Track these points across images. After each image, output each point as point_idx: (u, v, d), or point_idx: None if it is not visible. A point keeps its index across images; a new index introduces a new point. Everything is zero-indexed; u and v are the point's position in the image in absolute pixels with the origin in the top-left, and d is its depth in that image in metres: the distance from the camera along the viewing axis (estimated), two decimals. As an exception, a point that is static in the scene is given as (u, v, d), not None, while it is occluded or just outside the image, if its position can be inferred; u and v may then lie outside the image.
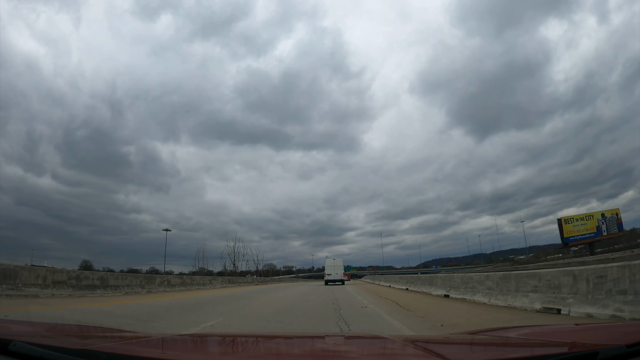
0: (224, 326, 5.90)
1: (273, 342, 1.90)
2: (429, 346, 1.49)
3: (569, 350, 1.11)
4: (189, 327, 5.52)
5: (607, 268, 5.24)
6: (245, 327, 5.89)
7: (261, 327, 5.76)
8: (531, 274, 7.25)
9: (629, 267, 4.84)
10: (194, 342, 1.80)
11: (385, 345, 1.70)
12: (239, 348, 1.70)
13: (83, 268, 54.50)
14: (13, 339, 1.14)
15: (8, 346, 1.11)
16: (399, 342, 1.65)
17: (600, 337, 1.42)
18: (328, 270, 29.76)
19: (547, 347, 1.29)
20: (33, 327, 1.86)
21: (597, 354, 0.99)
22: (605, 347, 1.02)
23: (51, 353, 1.11)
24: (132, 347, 1.46)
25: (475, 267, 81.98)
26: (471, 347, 1.63)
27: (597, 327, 1.88)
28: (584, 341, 1.27)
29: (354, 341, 1.99)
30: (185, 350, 1.57)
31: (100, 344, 1.39)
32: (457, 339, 1.92)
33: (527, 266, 42.80)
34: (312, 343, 1.98)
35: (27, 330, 1.68)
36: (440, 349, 1.46)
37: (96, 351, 1.18)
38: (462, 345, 1.71)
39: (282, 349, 1.73)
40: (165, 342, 1.68)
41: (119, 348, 1.38)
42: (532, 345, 1.44)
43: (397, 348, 1.59)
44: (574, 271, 5.97)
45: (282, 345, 1.80)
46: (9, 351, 1.11)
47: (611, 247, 49.74)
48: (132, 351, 1.35)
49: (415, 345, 1.53)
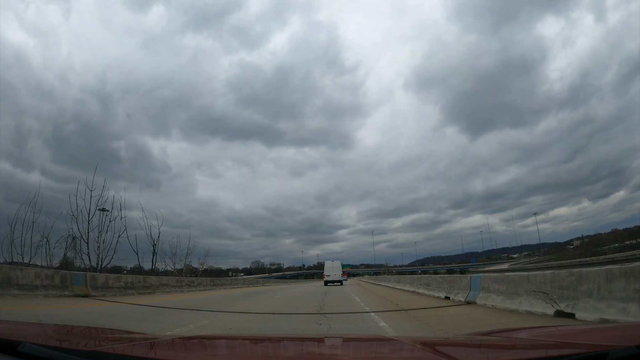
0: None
1: (282, 343, 1.90)
2: (437, 348, 1.48)
3: (578, 351, 1.10)
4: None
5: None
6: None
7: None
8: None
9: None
10: (203, 344, 1.80)
11: (394, 346, 1.69)
12: (246, 351, 1.70)
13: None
14: (22, 340, 1.15)
15: (17, 347, 1.12)
16: (408, 343, 1.63)
17: (610, 338, 1.40)
18: (327, 271, 31.07)
19: (556, 349, 1.28)
20: (42, 328, 1.87)
21: (607, 354, 0.98)
22: (615, 348, 1.01)
23: (60, 354, 1.12)
24: (141, 349, 1.47)
25: (499, 263, 77.18)
26: (480, 349, 1.61)
27: (607, 328, 1.86)
28: (594, 342, 1.26)
29: (362, 343, 1.98)
30: (194, 352, 1.58)
31: (109, 346, 1.41)
32: (465, 341, 1.90)
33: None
34: (317, 344, 1.98)
35: (36, 331, 1.70)
36: (449, 351, 1.45)
37: (105, 352, 1.19)
38: (471, 346, 1.69)
39: (288, 351, 1.72)
40: (174, 344, 1.69)
41: (127, 349, 1.39)
42: (541, 346, 1.42)
43: (406, 350, 1.57)
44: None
45: (287, 348, 1.80)
46: (19, 352, 1.12)
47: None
48: (140, 352, 1.36)
49: (423, 346, 1.52)
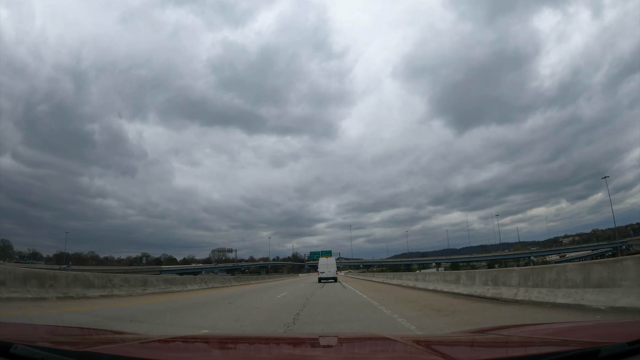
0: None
1: (273, 343, 1.90)
2: (431, 345, 1.49)
3: (570, 348, 1.11)
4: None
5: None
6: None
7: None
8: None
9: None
10: (195, 344, 1.80)
11: (388, 345, 1.69)
12: (238, 350, 1.70)
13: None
14: (14, 341, 1.14)
15: (10, 349, 1.11)
16: (402, 342, 1.64)
17: (602, 334, 1.42)
18: (322, 268, 30.21)
19: (549, 346, 1.29)
20: (35, 329, 1.86)
21: (599, 351, 0.99)
22: (607, 345, 1.02)
23: (53, 356, 1.11)
24: (134, 349, 1.46)
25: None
26: (473, 346, 1.62)
27: (599, 325, 1.88)
28: (586, 339, 1.28)
29: (357, 341, 1.99)
30: (186, 352, 1.57)
31: (102, 347, 1.40)
32: (459, 338, 1.92)
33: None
34: (313, 343, 1.98)
35: (28, 333, 1.68)
36: (442, 349, 1.46)
37: (97, 353, 1.19)
38: (464, 344, 1.71)
39: (284, 350, 1.73)
40: (167, 344, 1.68)
41: (120, 350, 1.38)
42: (534, 343, 1.44)
43: (400, 348, 1.58)
44: None
45: (283, 347, 1.80)
46: (11, 354, 1.10)
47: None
48: (133, 353, 1.35)
49: (417, 344, 1.53)
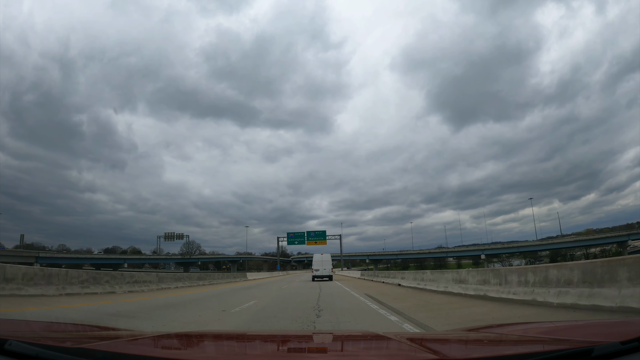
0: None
1: (269, 340, 1.90)
2: (424, 343, 1.50)
3: (564, 347, 1.12)
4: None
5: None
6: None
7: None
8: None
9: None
10: (189, 340, 1.80)
11: (381, 342, 1.70)
12: (234, 346, 1.70)
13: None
14: (9, 338, 1.14)
15: (4, 345, 1.11)
16: (395, 339, 1.65)
17: (595, 334, 1.43)
18: (316, 265, 28.44)
19: (542, 344, 1.30)
20: (29, 326, 1.85)
21: (592, 350, 1.00)
22: (600, 344, 1.03)
23: (47, 352, 1.10)
24: (128, 346, 1.46)
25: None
26: (467, 344, 1.64)
27: (592, 324, 1.90)
28: (579, 338, 1.29)
29: (351, 339, 2.00)
30: (181, 348, 1.58)
31: (96, 343, 1.39)
32: (452, 336, 1.93)
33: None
34: (307, 341, 1.99)
35: (23, 329, 1.68)
36: (435, 346, 1.47)
37: (92, 349, 1.18)
38: (457, 342, 1.72)
39: (279, 347, 1.73)
40: (161, 340, 1.68)
41: (114, 346, 1.38)
42: (528, 342, 1.45)
43: (393, 345, 1.59)
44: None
45: (278, 344, 1.81)
46: (6, 350, 1.10)
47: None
48: (127, 349, 1.35)
49: (410, 342, 1.54)
